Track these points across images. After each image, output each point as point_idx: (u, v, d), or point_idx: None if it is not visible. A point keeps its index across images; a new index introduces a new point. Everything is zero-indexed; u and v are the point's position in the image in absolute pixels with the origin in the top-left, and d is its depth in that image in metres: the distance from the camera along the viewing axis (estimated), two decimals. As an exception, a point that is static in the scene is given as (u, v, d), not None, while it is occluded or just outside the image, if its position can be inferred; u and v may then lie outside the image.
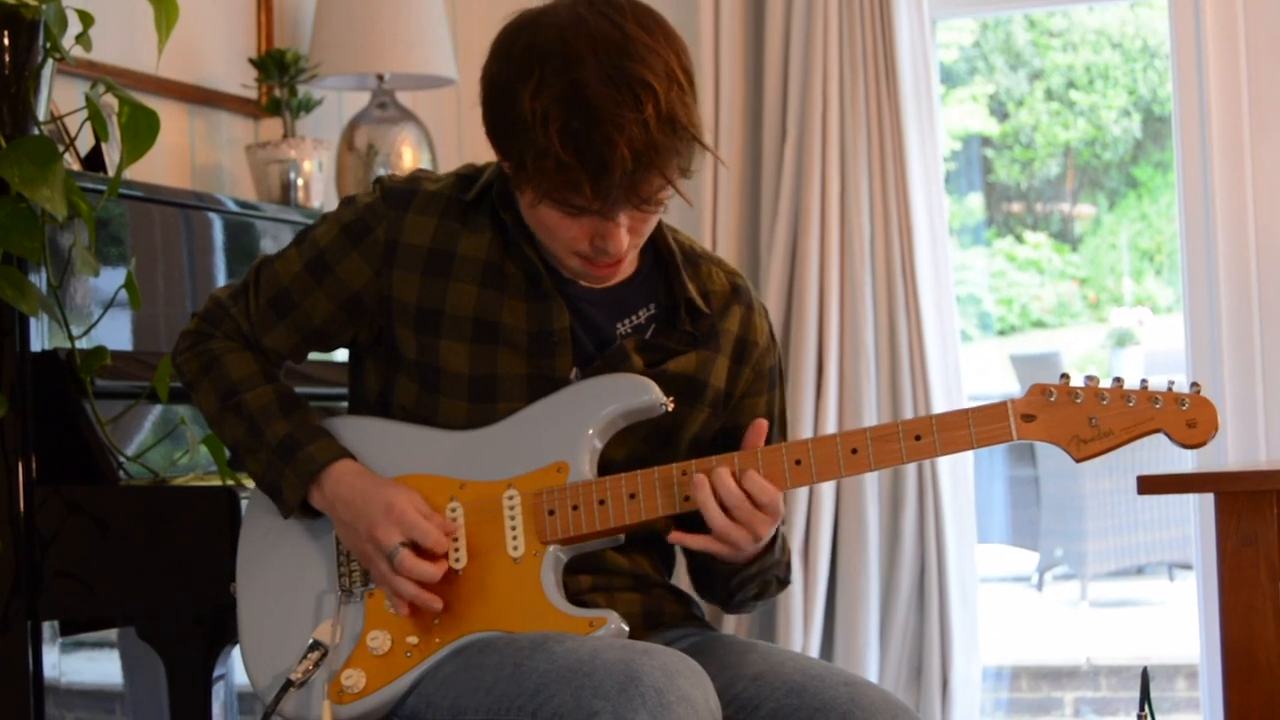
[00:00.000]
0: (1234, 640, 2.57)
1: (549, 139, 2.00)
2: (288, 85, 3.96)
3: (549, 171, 2.02)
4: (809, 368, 4.11)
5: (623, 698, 1.92)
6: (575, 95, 1.99)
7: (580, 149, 1.99)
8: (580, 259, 2.13)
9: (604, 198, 2.02)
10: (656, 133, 2.00)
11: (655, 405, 2.14)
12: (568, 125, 1.99)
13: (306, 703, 2.15)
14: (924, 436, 2.07)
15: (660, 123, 2.01)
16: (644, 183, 2.03)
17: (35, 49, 2.66)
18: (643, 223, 2.11)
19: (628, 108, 1.99)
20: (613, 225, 2.08)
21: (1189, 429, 2.04)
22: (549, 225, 2.11)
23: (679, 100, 2.03)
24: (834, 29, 4.11)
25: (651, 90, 2.00)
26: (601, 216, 2.06)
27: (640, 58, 2.01)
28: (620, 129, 1.99)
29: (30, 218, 2.58)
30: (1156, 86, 10.11)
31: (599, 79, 2.00)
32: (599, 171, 2.00)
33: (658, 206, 2.09)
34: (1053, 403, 2.05)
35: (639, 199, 2.05)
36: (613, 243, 2.09)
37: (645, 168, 2.01)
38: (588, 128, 1.99)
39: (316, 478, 2.18)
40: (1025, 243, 10.61)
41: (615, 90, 1.99)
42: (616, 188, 2.01)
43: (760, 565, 2.21)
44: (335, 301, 2.23)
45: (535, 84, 2.01)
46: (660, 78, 2.02)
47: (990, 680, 5.82)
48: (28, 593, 2.65)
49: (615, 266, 2.15)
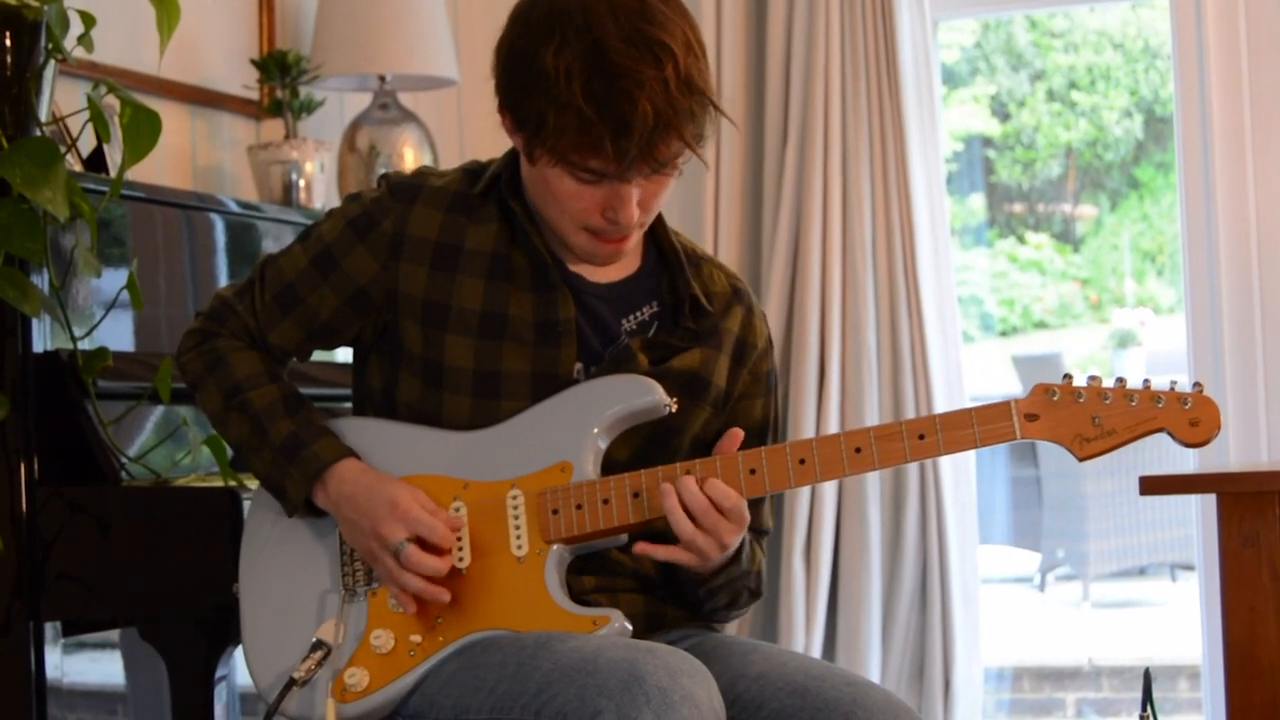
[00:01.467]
0: (1236, 641, 2.57)
1: (572, 93, 2.02)
2: (289, 86, 3.96)
3: (570, 128, 2.04)
4: (811, 368, 4.11)
5: (626, 696, 1.92)
6: (597, 53, 2.02)
7: (602, 105, 2.02)
8: (588, 234, 2.14)
9: (622, 157, 2.04)
10: (676, 92, 2.03)
11: (659, 406, 2.14)
12: (590, 81, 2.02)
13: (310, 702, 2.15)
14: (928, 435, 2.07)
15: (679, 83, 2.04)
16: (662, 143, 2.05)
17: (37, 50, 2.66)
18: (653, 194, 2.13)
19: (648, 65, 2.02)
20: (626, 191, 2.09)
21: (1192, 428, 2.05)
22: (561, 195, 2.12)
23: (695, 65, 2.06)
24: (835, 29, 4.11)
25: (670, 52, 2.04)
26: (617, 179, 2.07)
27: (658, 22, 2.05)
28: (641, 86, 2.02)
29: (32, 219, 2.58)
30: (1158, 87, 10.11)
31: (619, 39, 2.03)
32: (620, 128, 2.02)
33: (672, 171, 2.11)
34: (1056, 402, 2.06)
35: (655, 161, 2.07)
36: (624, 211, 2.10)
37: (664, 128, 2.04)
38: (609, 84, 2.02)
39: (321, 476, 2.18)
40: (1027, 243, 10.62)
41: (635, 49, 2.03)
42: (636, 146, 2.03)
43: (728, 575, 2.20)
44: (341, 296, 2.24)
45: (558, 43, 2.04)
46: (678, 42, 2.05)
47: (992, 681, 5.82)
48: (30, 594, 2.65)
49: (623, 242, 2.16)
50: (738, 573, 2.20)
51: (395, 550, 2.11)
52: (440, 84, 4.12)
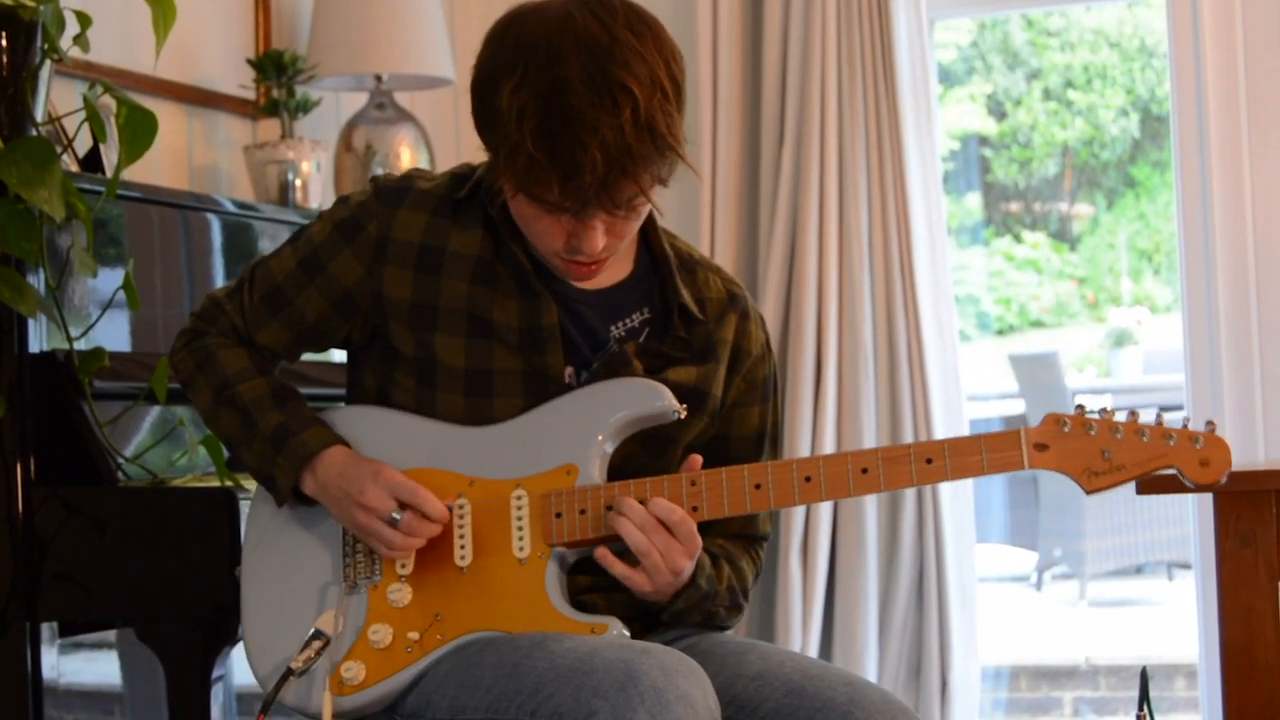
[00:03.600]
0: (1233, 640, 2.57)
1: (522, 135, 1.99)
2: (285, 86, 3.96)
3: (520, 168, 2.02)
4: (808, 367, 4.11)
5: (621, 697, 1.92)
6: (553, 94, 1.99)
7: (552, 148, 1.99)
8: (558, 258, 2.13)
9: (574, 198, 2.02)
10: (631, 138, 1.99)
11: (668, 412, 2.13)
12: (542, 123, 1.99)
13: (307, 693, 2.15)
14: (935, 460, 2.07)
15: (637, 129, 1.99)
16: (616, 187, 2.02)
17: (33, 50, 2.66)
18: (620, 226, 2.10)
19: (604, 111, 1.98)
20: (586, 227, 2.07)
21: (1202, 468, 2.04)
22: (526, 219, 2.11)
23: (660, 108, 2.02)
24: (832, 29, 4.11)
25: (631, 95, 1.99)
26: (574, 216, 2.06)
27: (624, 62, 2.00)
28: (594, 131, 1.98)
29: (28, 219, 2.58)
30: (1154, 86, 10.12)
31: (580, 79, 1.99)
32: (569, 172, 2.00)
33: (632, 213, 2.09)
34: (1067, 433, 2.05)
35: (611, 204, 2.04)
36: (587, 243, 2.09)
37: (618, 173, 2.00)
38: (561, 127, 1.99)
39: (309, 463, 2.18)
40: (1023, 242, 10.63)
41: (594, 92, 1.99)
42: (588, 190, 2.01)
43: (686, 600, 2.17)
44: (327, 299, 2.24)
45: (518, 79, 2.01)
46: (643, 84, 2.00)
47: (989, 680, 5.82)
48: (26, 594, 2.65)
49: (595, 267, 2.15)
50: (698, 597, 2.17)
51: (392, 519, 2.11)
52: (436, 83, 4.12)
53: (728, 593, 2.23)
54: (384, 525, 2.12)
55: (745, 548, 2.29)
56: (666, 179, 2.07)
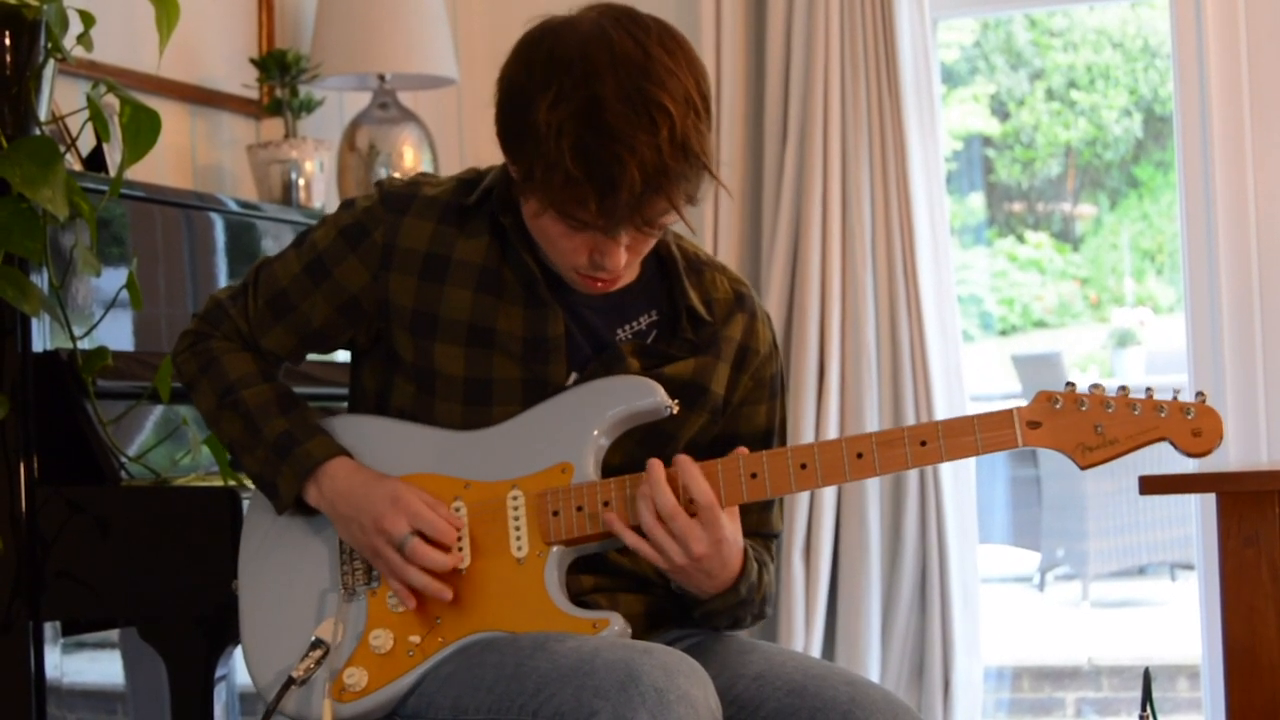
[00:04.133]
0: (1236, 640, 2.57)
1: (560, 152, 1.99)
2: (289, 85, 3.96)
3: (557, 184, 2.01)
4: (810, 367, 4.11)
5: (623, 697, 1.92)
6: (591, 111, 1.99)
7: (590, 165, 1.99)
8: (576, 272, 2.13)
9: (608, 216, 2.02)
10: (669, 157, 2.00)
11: (660, 407, 2.13)
12: (580, 140, 1.98)
13: (308, 701, 2.15)
14: (929, 442, 2.07)
15: (673, 148, 2.00)
16: (650, 205, 2.03)
17: (36, 49, 2.66)
18: (644, 242, 2.11)
19: (642, 129, 1.98)
20: (613, 243, 2.07)
21: (1194, 438, 2.04)
22: (550, 236, 2.11)
23: (694, 127, 2.02)
24: (835, 29, 4.11)
25: (668, 114, 1.99)
26: (603, 234, 2.06)
27: (660, 80, 2.01)
28: (633, 150, 1.98)
29: (32, 218, 2.58)
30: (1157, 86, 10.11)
31: (617, 97, 1.99)
32: (607, 190, 2.00)
33: (660, 229, 2.09)
34: (1058, 410, 2.05)
35: (642, 220, 2.05)
36: (611, 260, 2.09)
37: (653, 191, 2.01)
38: (600, 145, 1.98)
39: (313, 474, 2.18)
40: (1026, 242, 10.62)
41: (632, 110, 1.99)
42: (622, 208, 2.01)
43: (724, 602, 2.16)
44: (332, 304, 2.23)
45: (554, 95, 2.00)
46: (678, 102, 2.01)
47: (992, 680, 5.82)
48: (29, 593, 2.65)
49: (612, 282, 2.15)
50: (734, 601, 2.17)
51: (400, 544, 2.11)
52: (440, 83, 4.12)
53: (760, 602, 2.23)
54: (394, 550, 2.13)
55: (765, 546, 2.29)
56: (697, 197, 2.07)
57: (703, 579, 2.11)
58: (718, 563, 2.10)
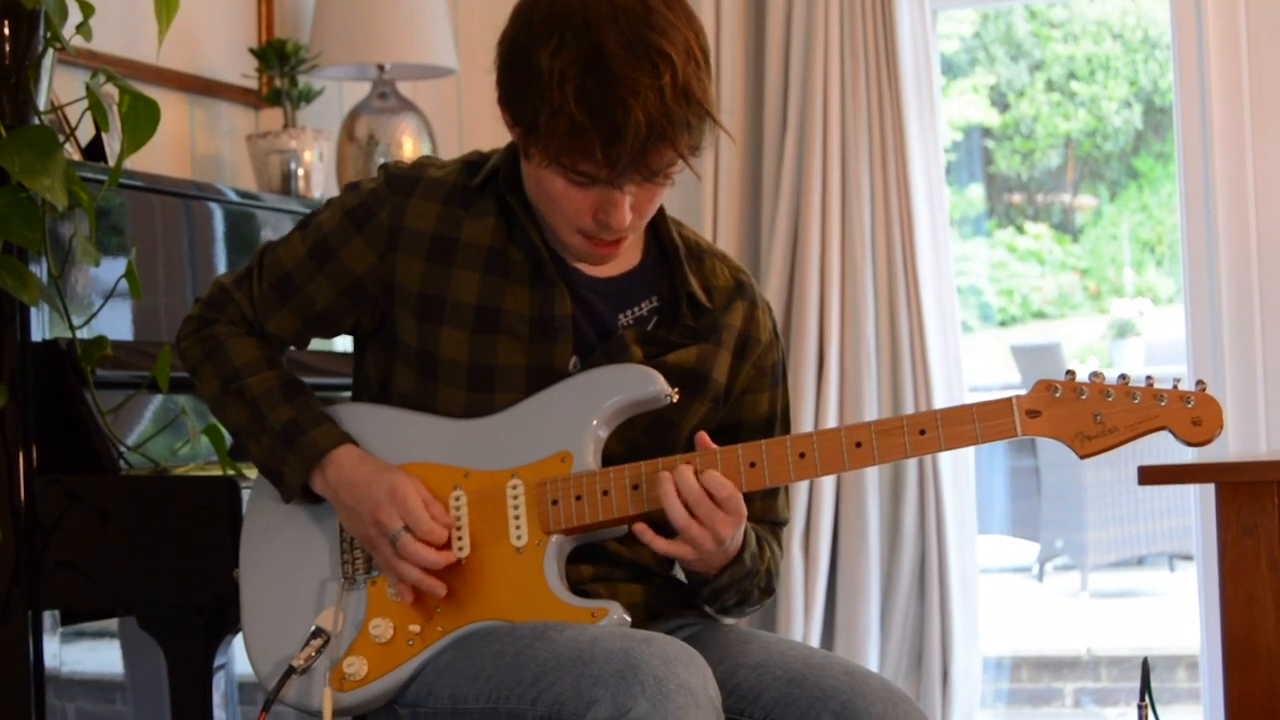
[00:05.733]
0: (1234, 630, 2.57)
1: (565, 98, 2.00)
2: (288, 75, 3.96)
3: (562, 132, 2.02)
4: (810, 358, 4.11)
5: (622, 686, 1.92)
6: (594, 58, 2.00)
7: (595, 111, 2.00)
8: (582, 236, 2.13)
9: (613, 164, 2.03)
10: (671, 102, 2.01)
11: (660, 396, 2.13)
12: (584, 86, 2.00)
13: (308, 690, 2.15)
14: (928, 431, 2.07)
15: (675, 93, 2.01)
16: (654, 152, 2.03)
17: (36, 39, 2.66)
18: (647, 200, 2.11)
19: (645, 74, 2.00)
20: (618, 196, 2.07)
21: (1194, 427, 2.04)
22: (554, 194, 2.10)
23: (694, 75, 2.04)
24: (835, 20, 4.11)
25: (669, 60, 2.01)
26: (608, 185, 2.06)
27: (660, 29, 2.03)
28: (636, 94, 1.99)
29: (31, 207, 2.58)
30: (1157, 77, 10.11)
31: (618, 44, 2.00)
32: (612, 135, 2.00)
33: (665, 180, 2.09)
34: (1058, 399, 2.05)
35: (648, 170, 2.05)
36: (615, 215, 2.09)
37: (657, 137, 2.02)
38: (604, 90, 2.00)
39: (319, 462, 2.18)
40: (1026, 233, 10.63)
41: (634, 56, 2.00)
42: (627, 154, 2.01)
43: (730, 576, 2.18)
44: (338, 287, 2.23)
45: (555, 45, 2.02)
46: (679, 50, 2.03)
47: (991, 670, 5.82)
48: (28, 582, 2.65)
49: (616, 245, 2.15)
50: (741, 573, 2.18)
51: (392, 538, 2.11)
52: (439, 73, 4.12)
53: (765, 574, 2.24)
54: (387, 543, 2.13)
55: (772, 533, 2.29)
56: (699, 146, 2.08)
57: (720, 557, 2.14)
58: (734, 542, 2.14)
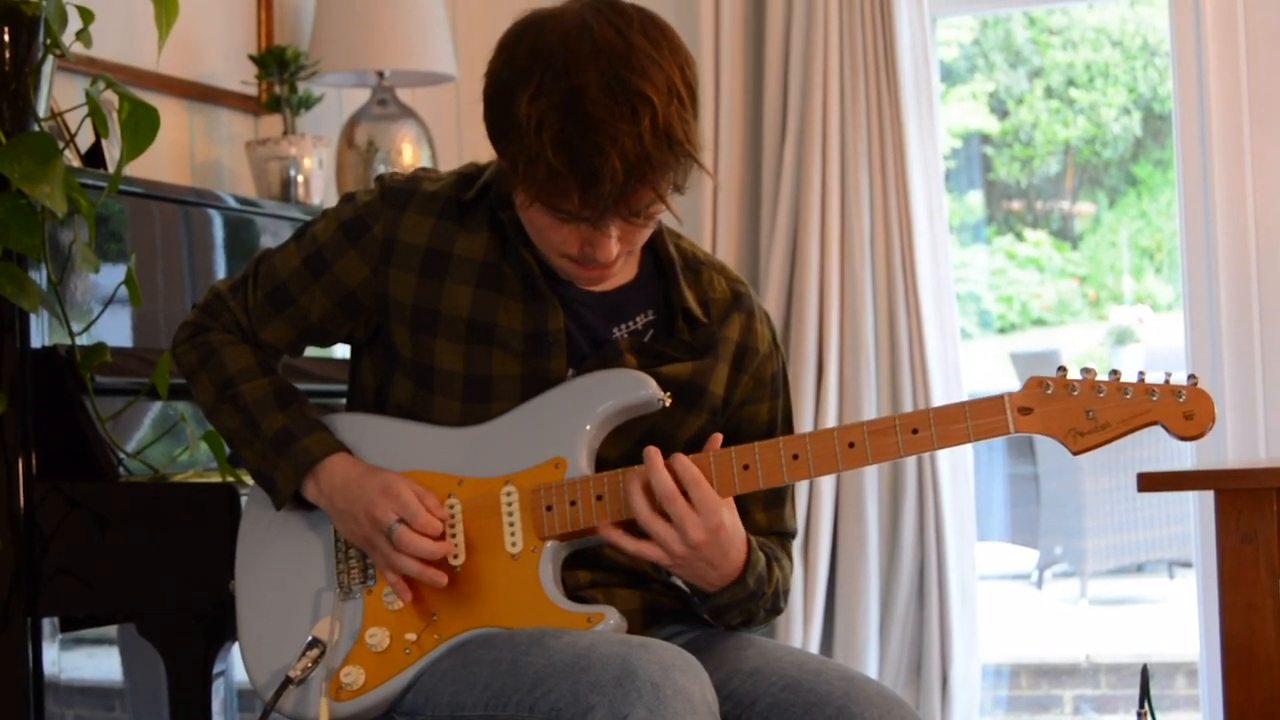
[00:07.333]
0: (1234, 637, 2.57)
1: (541, 145, 1.99)
2: (288, 82, 3.96)
3: (540, 177, 2.01)
4: (809, 365, 4.11)
5: (619, 692, 1.92)
6: (572, 103, 1.99)
7: (572, 157, 1.99)
8: (569, 261, 2.13)
9: (593, 207, 2.02)
10: (650, 146, 1.99)
11: (652, 400, 2.13)
12: (561, 132, 1.98)
13: (305, 700, 2.15)
14: (921, 430, 2.06)
15: (655, 136, 2.00)
16: (634, 196, 2.02)
17: (35, 45, 2.66)
18: (635, 233, 2.11)
19: (623, 119, 1.98)
20: (602, 235, 2.07)
21: (1186, 421, 2.03)
22: (540, 226, 2.11)
23: (677, 115, 2.02)
24: (834, 27, 4.11)
25: (649, 103, 1.99)
26: (591, 225, 2.06)
27: (641, 69, 2.00)
28: (614, 140, 1.98)
29: (30, 214, 2.58)
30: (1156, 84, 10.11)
31: (598, 88, 1.99)
32: (589, 181, 1.99)
33: (649, 220, 2.09)
34: (1049, 395, 2.05)
35: (629, 211, 2.05)
36: (602, 251, 2.09)
37: (636, 180, 2.00)
38: (581, 136, 1.98)
39: (312, 470, 2.18)
40: (1025, 240, 10.62)
41: (612, 101, 1.98)
42: (606, 198, 2.01)
43: (732, 596, 2.15)
44: (332, 299, 2.24)
45: (534, 88, 2.00)
46: (660, 91, 2.01)
47: (990, 677, 5.82)
48: (27, 589, 2.65)
49: (605, 270, 2.15)
50: (744, 594, 2.16)
51: (388, 531, 2.11)
52: (438, 80, 4.12)
53: (772, 596, 2.22)
54: (384, 538, 2.13)
55: (780, 545, 2.28)
56: (683, 186, 2.07)
57: (705, 569, 2.10)
58: (717, 551, 2.09)
